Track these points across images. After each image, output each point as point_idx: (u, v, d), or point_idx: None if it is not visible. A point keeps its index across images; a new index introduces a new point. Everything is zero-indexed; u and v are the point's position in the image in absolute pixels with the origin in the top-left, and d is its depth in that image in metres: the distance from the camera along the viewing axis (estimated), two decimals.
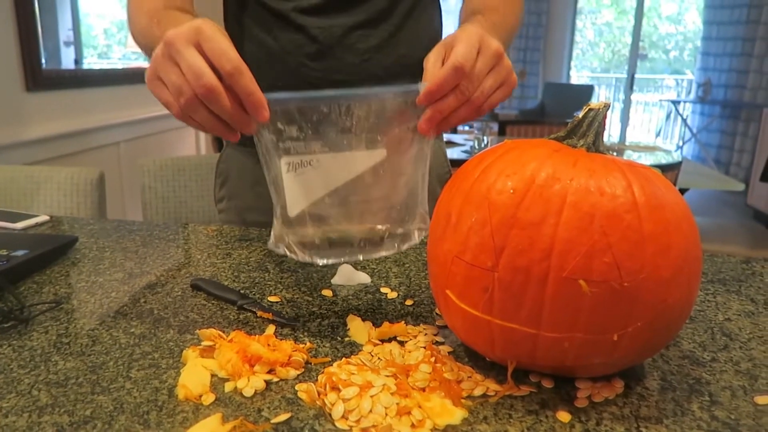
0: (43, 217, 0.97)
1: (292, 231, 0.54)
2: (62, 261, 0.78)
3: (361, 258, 0.57)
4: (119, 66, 3.03)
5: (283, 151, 0.53)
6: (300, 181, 0.53)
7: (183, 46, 0.49)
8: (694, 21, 6.82)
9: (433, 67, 0.57)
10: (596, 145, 0.50)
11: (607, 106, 0.50)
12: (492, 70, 0.58)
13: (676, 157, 2.90)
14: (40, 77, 2.30)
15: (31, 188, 1.41)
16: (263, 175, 0.81)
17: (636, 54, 6.30)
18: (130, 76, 2.95)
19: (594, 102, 0.51)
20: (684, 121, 6.19)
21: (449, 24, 0.93)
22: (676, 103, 6.32)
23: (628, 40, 6.43)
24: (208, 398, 0.46)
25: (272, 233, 0.56)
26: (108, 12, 2.95)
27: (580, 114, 0.51)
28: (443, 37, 0.90)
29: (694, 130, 6.02)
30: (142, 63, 3.18)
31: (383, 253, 0.58)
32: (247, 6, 0.85)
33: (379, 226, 0.57)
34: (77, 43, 2.69)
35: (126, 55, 3.10)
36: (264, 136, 0.53)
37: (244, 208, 0.97)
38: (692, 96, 6.11)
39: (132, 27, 0.75)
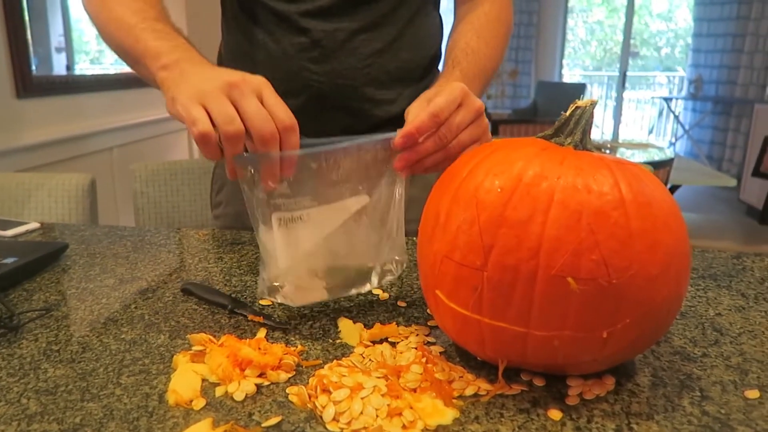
0: (34, 224, 0.96)
1: (283, 280, 0.57)
2: (53, 268, 0.78)
3: (351, 293, 0.61)
4: (111, 71, 3.02)
5: (273, 208, 0.56)
6: (291, 236, 0.56)
7: (248, 91, 0.55)
8: (684, 18, 6.84)
9: (414, 117, 0.60)
10: (583, 143, 0.50)
11: (593, 104, 0.50)
12: (471, 124, 0.61)
13: (668, 153, 2.92)
14: (30, 84, 2.29)
15: (22, 195, 1.40)
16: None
17: (627, 52, 6.33)
18: (123, 82, 2.94)
19: (580, 100, 0.51)
20: (676, 117, 6.22)
21: (447, 24, 0.94)
22: (668, 100, 6.34)
23: (620, 37, 6.45)
24: (199, 403, 0.46)
25: (260, 284, 0.58)
26: None
27: (567, 112, 0.51)
28: (443, 43, 0.91)
29: (687, 127, 6.05)
30: None
31: (367, 288, 0.62)
32: (249, 8, 0.85)
33: (364, 264, 0.61)
34: (69, 48, 2.68)
35: (118, 60, 3.09)
36: (255, 195, 0.56)
37: (243, 212, 0.97)
38: (684, 93, 6.14)
39: (106, 29, 0.74)
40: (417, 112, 0.60)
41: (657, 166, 2.35)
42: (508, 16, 0.90)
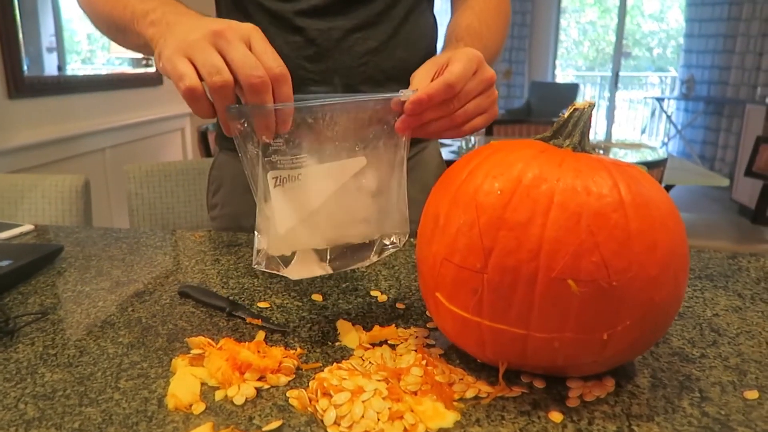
0: (28, 227, 0.95)
1: (280, 245, 0.54)
2: (48, 271, 0.77)
3: (351, 267, 0.57)
4: (103, 71, 3.00)
5: (269, 165, 0.53)
6: (288, 196, 0.53)
7: (235, 39, 0.51)
8: (676, 18, 6.88)
9: (421, 81, 0.57)
10: (582, 145, 0.50)
11: (592, 106, 0.51)
12: (480, 94, 0.59)
13: (661, 153, 2.93)
14: (22, 84, 2.27)
15: (14, 197, 1.39)
16: None
17: (620, 52, 6.35)
18: (115, 82, 2.93)
19: (579, 102, 0.51)
20: (669, 117, 6.25)
21: (441, 24, 0.93)
22: (660, 100, 6.37)
23: (612, 38, 6.48)
24: (199, 407, 0.46)
25: (256, 254, 0.54)
26: None
27: (566, 114, 0.51)
28: (438, 41, 0.91)
29: (679, 127, 6.08)
30: (127, 68, 3.15)
31: (373, 259, 0.59)
32: (244, 7, 0.85)
33: (364, 234, 0.57)
34: (60, 48, 2.66)
35: (110, 60, 3.08)
36: (249, 151, 0.53)
37: (240, 214, 0.97)
38: (676, 93, 6.17)
39: (92, 4, 0.72)
40: (425, 76, 0.57)
41: (651, 166, 2.36)
42: (507, 6, 0.89)
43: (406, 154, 0.59)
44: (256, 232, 0.55)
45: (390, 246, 0.59)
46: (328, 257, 0.56)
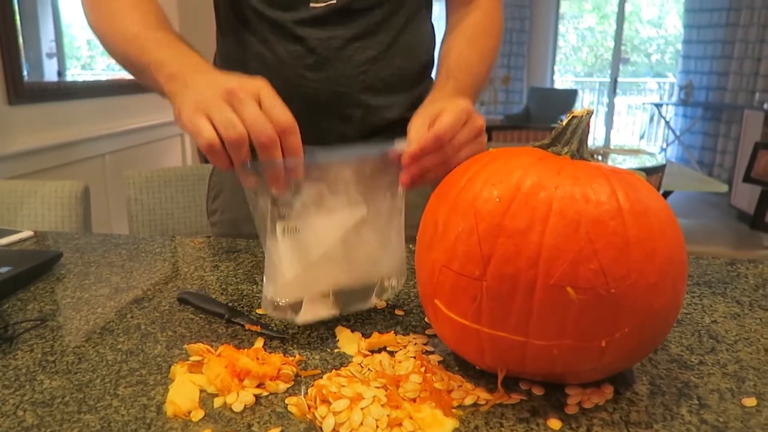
0: (27, 233, 0.96)
1: (286, 291, 0.57)
2: (47, 277, 0.77)
3: (353, 310, 0.61)
4: (103, 77, 3.01)
5: (277, 217, 0.56)
6: (294, 245, 0.57)
7: (246, 97, 0.55)
8: (674, 25, 6.91)
9: (417, 132, 0.62)
10: (580, 152, 0.50)
11: (590, 113, 0.51)
12: (471, 142, 0.64)
13: (660, 159, 2.94)
14: (22, 90, 2.28)
15: (14, 203, 1.39)
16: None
17: (618, 58, 6.38)
18: (114, 88, 2.93)
19: (577, 109, 0.51)
20: (667, 123, 6.26)
21: (438, 31, 0.95)
22: (658, 105, 6.39)
23: (611, 44, 6.51)
24: (197, 414, 0.46)
25: (264, 301, 0.58)
26: None
27: (564, 121, 0.51)
28: (436, 49, 0.92)
29: (678, 133, 6.09)
30: (126, 74, 3.15)
31: (369, 305, 0.63)
32: (244, 16, 0.86)
33: (366, 280, 0.61)
34: (60, 54, 2.67)
35: (110, 66, 3.08)
36: (260, 203, 0.57)
37: (240, 219, 0.97)
38: (674, 98, 6.19)
39: (109, 41, 0.75)
40: (419, 130, 0.62)
41: (649, 172, 2.37)
42: (499, 26, 0.92)
43: (403, 204, 0.62)
44: (264, 278, 0.59)
45: (389, 289, 0.63)
46: (332, 300, 0.59)
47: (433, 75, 0.95)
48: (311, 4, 0.82)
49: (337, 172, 0.58)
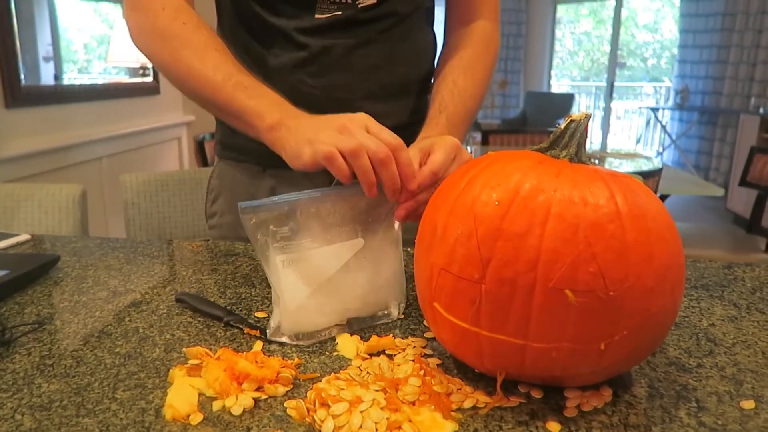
0: (24, 236, 0.95)
1: (291, 320, 0.59)
2: (44, 281, 0.77)
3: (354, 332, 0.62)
4: (100, 81, 3.01)
5: (278, 250, 0.58)
6: (296, 276, 0.59)
7: (357, 128, 0.62)
8: (670, 29, 6.94)
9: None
10: (579, 156, 0.51)
11: (588, 117, 0.51)
12: None
13: (656, 163, 2.94)
14: (19, 93, 2.27)
15: (11, 206, 1.39)
16: (258, 191, 0.89)
17: (614, 62, 6.40)
18: (112, 91, 2.93)
19: (575, 113, 0.51)
20: (663, 127, 6.29)
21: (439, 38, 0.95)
22: (655, 110, 6.41)
23: (607, 48, 6.53)
24: (196, 418, 0.46)
25: (271, 324, 0.60)
26: (88, 26, 2.93)
27: (562, 125, 0.51)
28: (437, 55, 0.93)
29: (674, 137, 6.12)
30: (123, 78, 3.16)
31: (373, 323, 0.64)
32: (247, 22, 0.86)
33: (367, 306, 0.63)
34: (57, 58, 2.66)
35: (107, 69, 3.08)
36: (259, 239, 0.59)
37: (239, 222, 0.97)
38: (671, 103, 6.21)
39: (186, 84, 0.76)
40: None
41: (646, 175, 2.37)
42: (495, 53, 0.93)
43: (400, 235, 0.65)
44: (273, 305, 0.61)
45: (389, 314, 0.64)
46: (336, 329, 0.61)
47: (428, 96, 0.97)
48: (316, 15, 0.82)
49: (334, 205, 0.61)
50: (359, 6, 0.83)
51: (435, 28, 0.98)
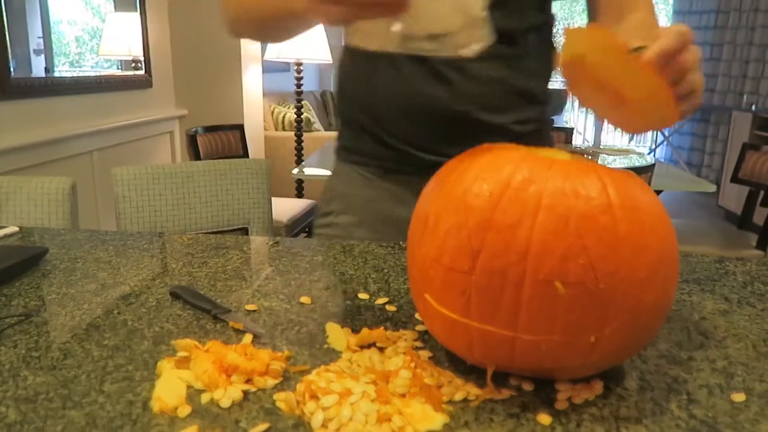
0: (12, 228, 0.94)
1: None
2: (32, 273, 0.76)
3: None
4: (91, 74, 2.98)
5: None
6: None
7: None
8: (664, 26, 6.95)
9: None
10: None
11: None
12: (692, 69, 0.58)
13: (649, 160, 2.95)
14: (8, 86, 2.25)
15: (0, 198, 1.37)
16: (378, 194, 0.94)
17: None
18: (103, 84, 2.90)
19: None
20: None
21: None
22: None
23: None
24: (184, 410, 0.45)
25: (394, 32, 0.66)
26: (80, 19, 2.91)
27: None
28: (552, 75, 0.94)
29: (666, 134, 6.14)
30: (115, 71, 3.13)
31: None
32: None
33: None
34: (48, 51, 2.64)
35: (99, 63, 3.06)
36: None
37: (355, 223, 0.97)
38: None
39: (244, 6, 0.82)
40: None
41: (638, 171, 2.37)
42: None
43: None
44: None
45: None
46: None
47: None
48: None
49: None
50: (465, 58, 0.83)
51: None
